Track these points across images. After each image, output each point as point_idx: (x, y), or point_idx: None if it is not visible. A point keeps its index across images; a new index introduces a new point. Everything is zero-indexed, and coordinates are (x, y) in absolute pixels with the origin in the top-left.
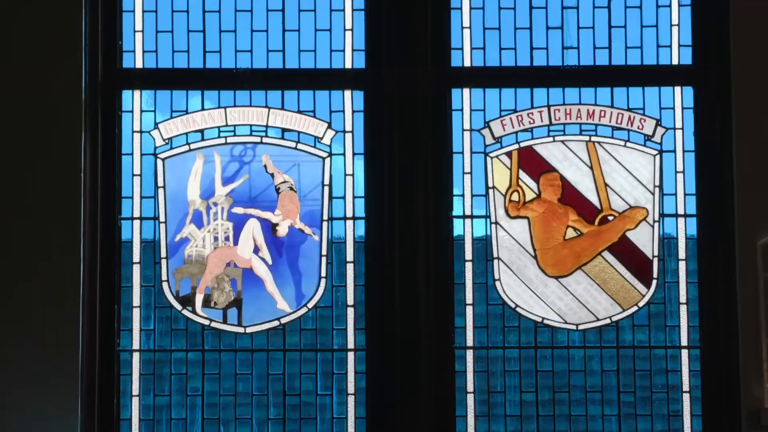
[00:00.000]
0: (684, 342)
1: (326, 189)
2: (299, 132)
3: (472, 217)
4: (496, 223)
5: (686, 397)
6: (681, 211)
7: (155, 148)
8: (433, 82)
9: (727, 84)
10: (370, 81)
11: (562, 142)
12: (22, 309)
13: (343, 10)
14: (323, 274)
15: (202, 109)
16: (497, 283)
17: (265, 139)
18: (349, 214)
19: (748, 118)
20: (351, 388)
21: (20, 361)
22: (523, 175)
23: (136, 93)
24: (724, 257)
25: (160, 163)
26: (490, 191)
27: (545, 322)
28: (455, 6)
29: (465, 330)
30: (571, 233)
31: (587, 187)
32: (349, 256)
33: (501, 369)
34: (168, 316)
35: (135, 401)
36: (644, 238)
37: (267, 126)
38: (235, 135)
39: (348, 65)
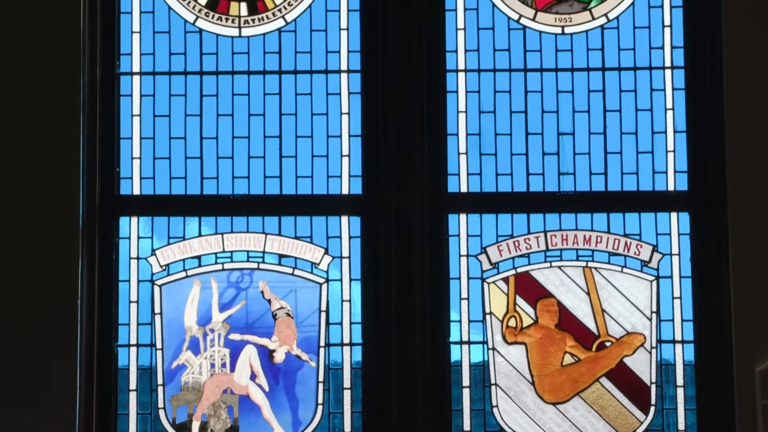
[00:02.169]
0: None
1: (323, 315)
2: (296, 258)
3: (469, 342)
4: (494, 348)
5: None
6: (678, 338)
7: (152, 274)
8: (429, 208)
9: (723, 210)
10: (367, 207)
11: (559, 267)
12: None
13: (340, 136)
14: (320, 400)
15: (200, 235)
16: (495, 410)
17: (262, 265)
18: (346, 340)
19: (744, 245)
20: None
21: None
22: (520, 300)
23: (134, 219)
24: (722, 384)
25: (157, 289)
26: (488, 317)
27: None
28: (452, 132)
29: None
30: (568, 359)
31: (584, 313)
32: (346, 383)
33: None
34: None
35: None
36: (642, 364)
37: (264, 252)
38: (232, 261)
39: (345, 191)
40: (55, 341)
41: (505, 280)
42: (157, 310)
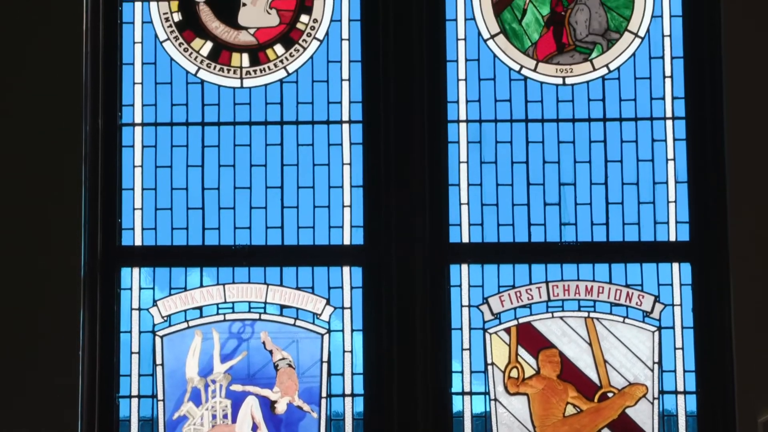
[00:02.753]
0: None
1: (325, 366)
2: (298, 308)
3: (471, 393)
4: (496, 399)
5: None
6: (681, 388)
7: (154, 325)
8: (431, 258)
9: (724, 261)
10: (369, 257)
11: (561, 318)
12: None
13: (342, 187)
14: None
15: (201, 286)
16: None
17: (263, 316)
18: (348, 391)
19: (745, 295)
20: None
21: None
22: (522, 351)
23: (135, 270)
24: None
25: (158, 340)
26: (489, 367)
27: None
28: (453, 182)
29: None
30: (570, 410)
31: (586, 364)
32: None
33: None
34: None
35: None
36: (644, 415)
37: (265, 303)
38: (233, 312)
39: (347, 242)
40: (57, 392)
41: (507, 330)
42: (158, 361)
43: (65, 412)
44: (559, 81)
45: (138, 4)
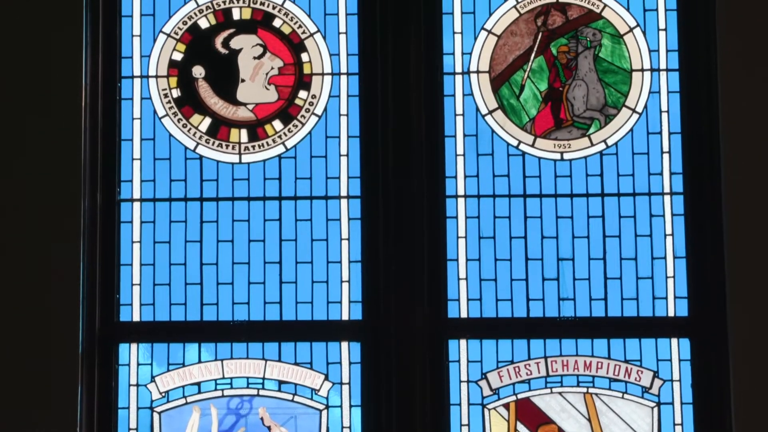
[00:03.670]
0: None
1: None
2: (296, 384)
3: None
4: None
5: None
6: None
7: (152, 401)
8: (430, 333)
9: (724, 336)
10: (367, 333)
11: (560, 393)
12: None
13: (340, 262)
14: None
15: (199, 361)
16: None
17: (261, 392)
18: None
19: (745, 371)
20: None
21: None
22: (520, 427)
23: (133, 346)
24: None
25: (156, 416)
26: None
27: None
28: (451, 257)
29: None
30: None
31: None
32: None
33: None
34: None
35: None
36: None
37: (264, 378)
38: (231, 387)
39: (345, 317)
40: None
41: (506, 406)
42: None
43: None
44: (557, 156)
45: (137, 80)
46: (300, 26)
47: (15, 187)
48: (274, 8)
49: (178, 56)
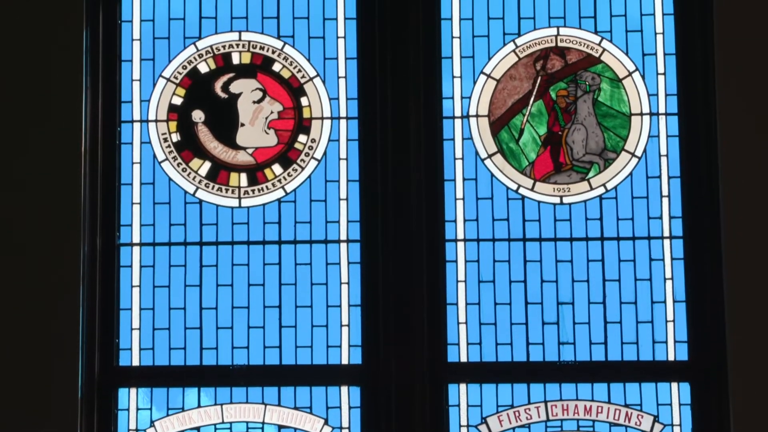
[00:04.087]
0: None
1: None
2: (296, 428)
3: None
4: None
5: None
6: None
7: None
8: (429, 377)
9: (724, 381)
10: (367, 377)
11: None
12: None
13: (340, 306)
14: None
15: (199, 406)
16: None
17: None
18: None
19: (746, 416)
20: None
21: None
22: None
23: (133, 391)
24: None
25: None
26: None
27: None
28: (451, 301)
29: None
30: None
31: None
32: None
33: None
34: None
35: None
36: None
37: (263, 423)
38: None
39: (345, 361)
40: None
41: None
42: None
43: None
44: (557, 200)
45: (137, 125)
46: (299, 70)
47: (16, 231)
48: (273, 53)
49: (177, 100)
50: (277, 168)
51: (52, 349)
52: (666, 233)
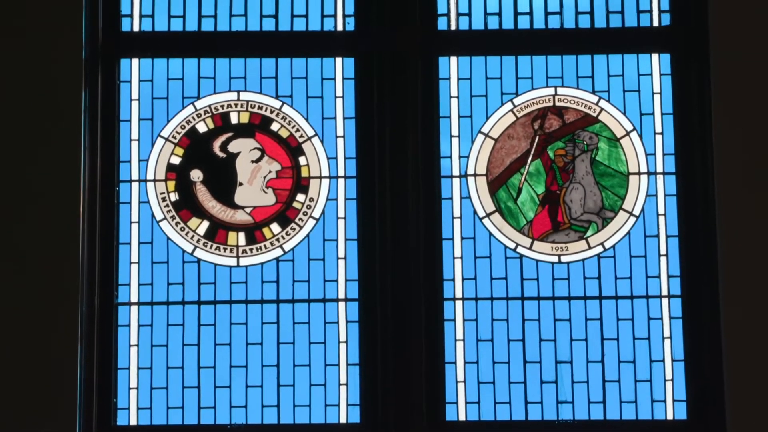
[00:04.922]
0: None
1: None
2: None
3: None
4: None
5: None
6: None
7: None
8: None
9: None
10: None
11: None
12: None
13: (338, 365)
14: None
15: None
16: None
17: None
18: None
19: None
20: None
21: None
22: None
23: None
24: None
25: None
26: None
27: None
28: (449, 360)
29: None
30: None
31: None
32: None
33: None
34: None
35: None
36: None
37: None
38: None
39: (343, 420)
40: None
41: None
42: None
43: None
44: (555, 259)
45: (135, 185)
46: (298, 130)
47: (16, 290)
48: (271, 112)
49: (176, 160)
50: (275, 227)
51: (49, 408)
52: (664, 292)
